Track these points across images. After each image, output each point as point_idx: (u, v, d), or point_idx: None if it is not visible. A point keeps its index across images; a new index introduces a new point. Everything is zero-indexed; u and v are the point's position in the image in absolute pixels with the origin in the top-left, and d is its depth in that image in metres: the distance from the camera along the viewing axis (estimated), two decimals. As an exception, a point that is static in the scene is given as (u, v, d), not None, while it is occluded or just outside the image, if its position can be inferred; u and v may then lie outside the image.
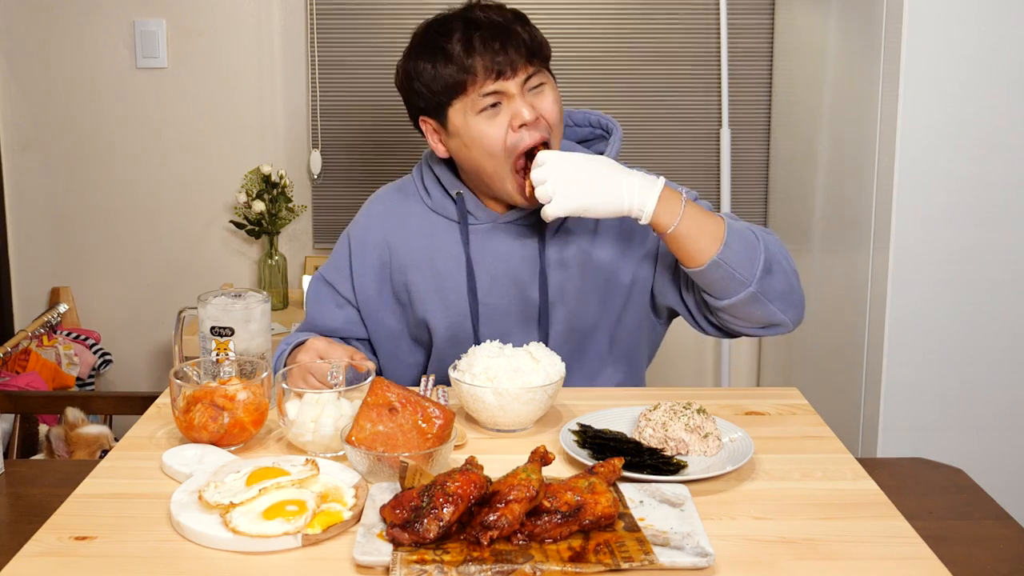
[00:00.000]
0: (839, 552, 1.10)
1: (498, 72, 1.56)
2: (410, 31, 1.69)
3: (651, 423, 1.36)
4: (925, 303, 2.18)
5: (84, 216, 3.07)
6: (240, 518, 1.11)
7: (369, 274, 1.73)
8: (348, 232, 1.77)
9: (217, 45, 2.98)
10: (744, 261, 1.50)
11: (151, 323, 3.13)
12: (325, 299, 1.76)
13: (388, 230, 1.73)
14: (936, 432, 2.22)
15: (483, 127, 1.58)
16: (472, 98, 1.57)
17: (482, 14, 1.59)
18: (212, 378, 1.43)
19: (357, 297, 1.74)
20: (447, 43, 1.57)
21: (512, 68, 1.56)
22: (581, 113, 1.77)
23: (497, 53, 1.55)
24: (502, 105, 1.58)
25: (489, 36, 1.56)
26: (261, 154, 3.03)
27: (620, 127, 1.73)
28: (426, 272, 1.69)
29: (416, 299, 1.70)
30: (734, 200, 3.03)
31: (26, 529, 1.15)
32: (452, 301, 1.68)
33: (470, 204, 1.68)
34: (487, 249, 1.67)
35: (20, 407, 2.19)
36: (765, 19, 2.97)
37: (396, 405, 1.27)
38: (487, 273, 1.67)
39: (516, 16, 1.61)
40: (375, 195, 1.81)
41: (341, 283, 1.74)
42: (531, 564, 1.03)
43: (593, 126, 1.76)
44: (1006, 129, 2.12)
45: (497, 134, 1.57)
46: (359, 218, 1.78)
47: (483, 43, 1.55)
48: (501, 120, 1.57)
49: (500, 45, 1.55)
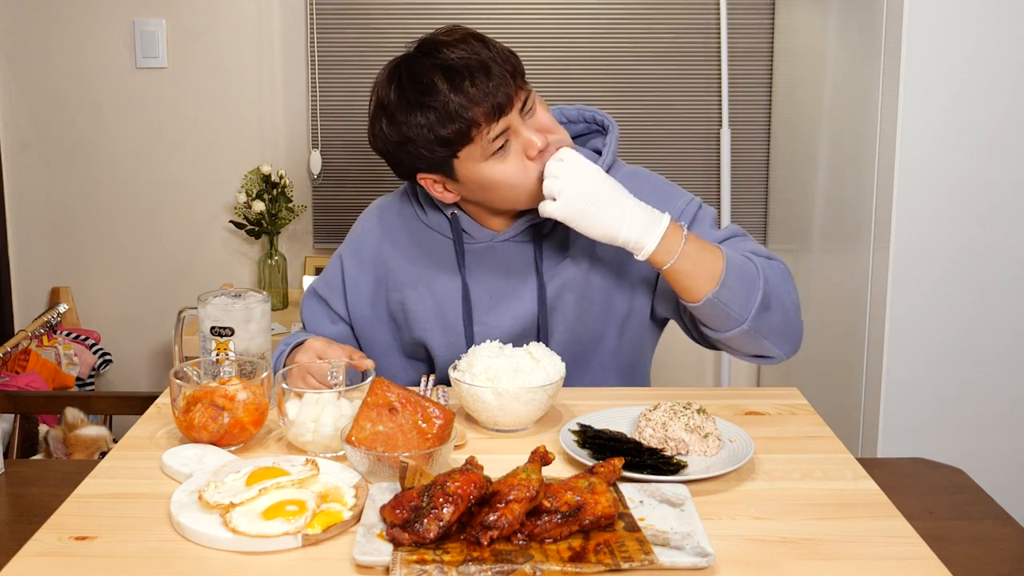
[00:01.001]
0: (839, 552, 1.10)
1: (498, 110, 1.49)
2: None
3: (651, 423, 1.36)
4: (925, 303, 2.18)
5: (84, 216, 3.07)
6: (240, 518, 1.11)
7: (364, 292, 1.71)
8: (342, 251, 1.74)
9: (217, 45, 2.98)
10: (740, 299, 1.48)
11: (151, 323, 3.13)
12: (319, 315, 1.74)
13: (384, 247, 1.70)
14: (936, 432, 2.22)
15: (499, 169, 1.52)
16: (480, 145, 1.50)
17: (452, 53, 1.50)
18: (212, 378, 1.43)
19: (351, 315, 1.72)
20: (435, 99, 1.48)
21: (508, 100, 1.49)
22: (575, 109, 1.73)
23: (490, 94, 1.48)
24: (510, 141, 1.52)
25: (475, 77, 1.48)
26: (261, 154, 3.03)
27: (616, 124, 1.70)
28: (423, 292, 1.67)
29: (413, 320, 1.68)
30: (734, 200, 3.03)
31: (26, 529, 1.15)
32: (450, 322, 1.66)
33: (465, 224, 1.64)
34: (485, 267, 1.65)
35: (20, 407, 2.19)
36: (765, 19, 2.97)
37: (396, 405, 1.27)
38: (485, 292, 1.65)
39: (476, 39, 1.53)
40: (370, 209, 1.77)
41: (335, 300, 1.73)
42: (531, 564, 1.03)
43: (588, 122, 1.73)
44: (1006, 129, 2.12)
45: (514, 170, 1.52)
46: (354, 234, 1.75)
47: (475, 87, 1.47)
48: (515, 156, 1.52)
49: (489, 83, 1.48)
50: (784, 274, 1.57)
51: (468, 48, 1.51)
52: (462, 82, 1.48)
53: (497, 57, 1.51)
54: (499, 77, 1.49)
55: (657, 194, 1.62)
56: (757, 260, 1.54)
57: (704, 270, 1.47)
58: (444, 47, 1.51)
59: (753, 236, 1.68)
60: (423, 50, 1.53)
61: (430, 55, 1.51)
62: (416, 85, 1.50)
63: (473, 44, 1.52)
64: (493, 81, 1.48)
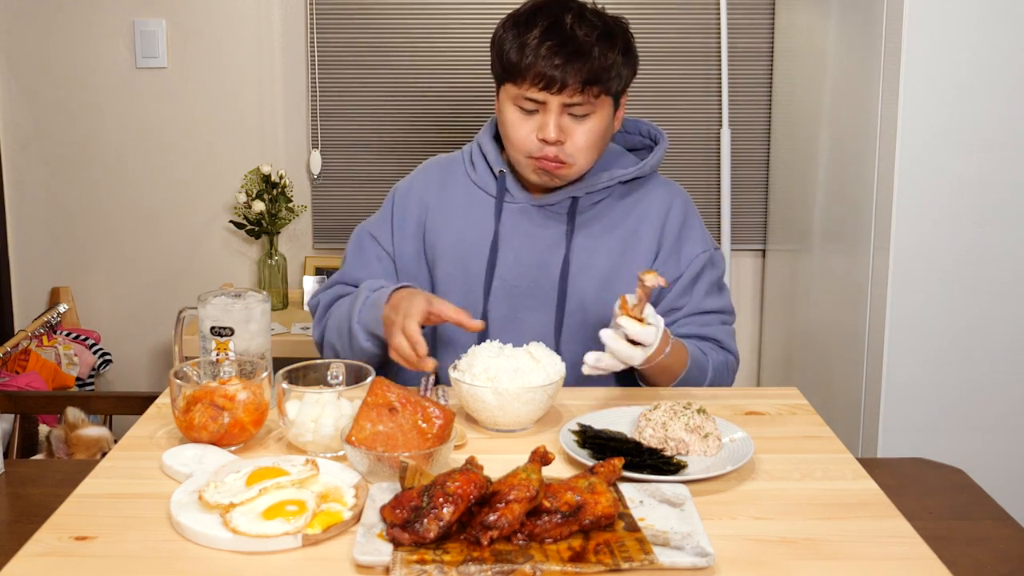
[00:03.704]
0: (839, 552, 1.10)
1: (546, 83, 1.59)
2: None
3: (651, 423, 1.36)
4: (925, 303, 2.18)
5: (84, 216, 3.07)
6: (240, 518, 1.11)
7: (408, 229, 1.79)
8: (395, 189, 1.84)
9: (217, 45, 2.98)
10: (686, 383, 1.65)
11: (151, 323, 3.13)
12: (367, 250, 1.81)
13: (429, 193, 1.80)
14: (936, 432, 2.22)
15: (515, 119, 1.65)
16: (519, 91, 1.62)
17: (573, 21, 1.60)
18: (212, 378, 1.43)
19: (395, 251, 1.79)
20: (527, 32, 1.60)
21: (561, 86, 1.59)
22: (633, 121, 1.84)
23: (555, 68, 1.58)
24: (538, 112, 1.63)
25: (557, 47, 1.58)
26: (261, 154, 3.03)
27: (667, 138, 1.81)
28: (454, 239, 1.75)
29: (439, 262, 1.76)
30: (734, 200, 3.03)
31: (26, 529, 1.15)
32: (473, 272, 1.73)
33: (510, 183, 1.74)
34: (518, 228, 1.73)
35: (20, 407, 2.19)
36: (765, 19, 2.97)
37: (396, 405, 1.27)
38: (512, 251, 1.73)
39: (606, 36, 1.61)
40: (427, 161, 1.88)
41: (383, 235, 1.80)
42: (531, 564, 1.03)
43: (643, 135, 1.84)
44: (1006, 129, 2.12)
45: (523, 133, 1.65)
46: (407, 178, 1.85)
47: (549, 51, 1.58)
48: (532, 124, 1.64)
49: (563, 60, 1.58)
50: (728, 372, 1.74)
51: (589, 31, 1.60)
52: (547, 40, 1.58)
53: (598, 58, 1.59)
54: (575, 67, 1.58)
55: (679, 225, 1.75)
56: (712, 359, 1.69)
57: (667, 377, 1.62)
58: (579, 16, 1.62)
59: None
60: (574, 3, 1.64)
61: (567, 6, 1.63)
62: (537, 10, 1.63)
63: (596, 33, 1.61)
64: (568, 63, 1.58)
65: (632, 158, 1.79)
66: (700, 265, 1.73)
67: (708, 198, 3.04)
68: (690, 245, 1.74)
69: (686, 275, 1.73)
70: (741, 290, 3.13)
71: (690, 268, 1.73)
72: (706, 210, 3.04)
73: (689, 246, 1.74)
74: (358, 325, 1.63)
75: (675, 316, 1.72)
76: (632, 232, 1.73)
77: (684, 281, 1.73)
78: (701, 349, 1.69)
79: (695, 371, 1.65)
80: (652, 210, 1.75)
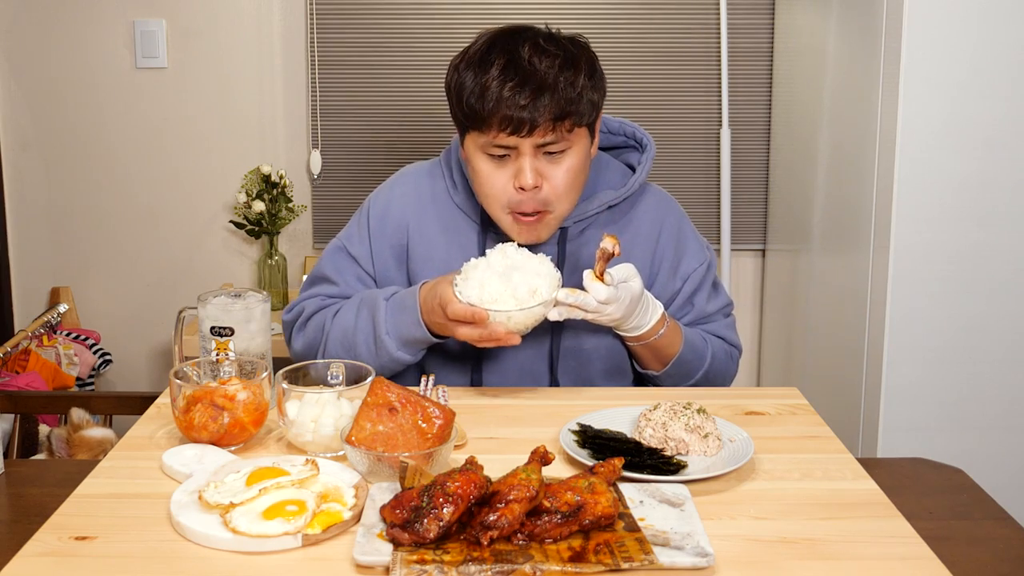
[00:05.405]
0: (839, 552, 1.10)
1: (515, 127, 1.49)
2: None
3: (651, 423, 1.36)
4: (925, 303, 2.18)
5: (84, 216, 3.07)
6: (240, 518, 1.11)
7: (389, 252, 1.70)
8: (368, 203, 1.73)
9: (217, 45, 2.98)
10: (675, 380, 1.66)
11: (151, 323, 3.13)
12: (346, 271, 1.71)
13: (408, 213, 1.69)
14: (936, 432, 2.22)
15: (487, 170, 1.56)
16: (486, 138, 1.53)
17: (531, 53, 1.50)
18: (212, 378, 1.43)
19: (377, 272, 1.71)
20: (485, 73, 1.50)
21: (531, 127, 1.48)
22: (617, 122, 1.75)
23: (522, 109, 1.47)
24: (510, 158, 1.53)
25: (520, 86, 1.47)
26: (261, 154, 3.03)
27: (654, 143, 1.73)
28: (439, 267, 1.66)
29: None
30: (734, 200, 3.03)
31: (26, 529, 1.15)
32: None
33: None
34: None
35: (20, 407, 2.19)
36: (765, 19, 2.97)
37: (396, 405, 1.27)
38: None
39: (568, 63, 1.51)
40: (403, 172, 1.76)
41: (362, 256, 1.71)
42: (531, 564, 1.03)
43: (627, 136, 1.75)
44: (1006, 129, 2.12)
45: (497, 184, 1.55)
46: (382, 193, 1.74)
47: (512, 91, 1.47)
48: (506, 172, 1.55)
49: (528, 99, 1.47)
50: (731, 360, 1.73)
51: (551, 61, 1.50)
52: (508, 79, 1.48)
53: (565, 89, 1.49)
54: (543, 103, 1.48)
55: (673, 243, 1.70)
56: (712, 344, 1.68)
57: (657, 358, 1.63)
58: (536, 46, 1.52)
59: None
60: (524, 29, 1.55)
61: (523, 39, 1.52)
62: (490, 48, 1.52)
63: (560, 60, 1.51)
64: (534, 100, 1.48)
65: (618, 165, 1.73)
66: (699, 278, 1.71)
67: (708, 198, 3.04)
68: (687, 261, 1.71)
69: (686, 289, 1.71)
70: (741, 290, 3.13)
71: (689, 282, 1.71)
72: (706, 210, 3.04)
73: (686, 262, 1.71)
74: (388, 336, 1.57)
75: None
76: (623, 254, 1.66)
77: (685, 295, 1.71)
78: (702, 335, 1.67)
79: (690, 355, 1.63)
80: (643, 231, 1.69)
